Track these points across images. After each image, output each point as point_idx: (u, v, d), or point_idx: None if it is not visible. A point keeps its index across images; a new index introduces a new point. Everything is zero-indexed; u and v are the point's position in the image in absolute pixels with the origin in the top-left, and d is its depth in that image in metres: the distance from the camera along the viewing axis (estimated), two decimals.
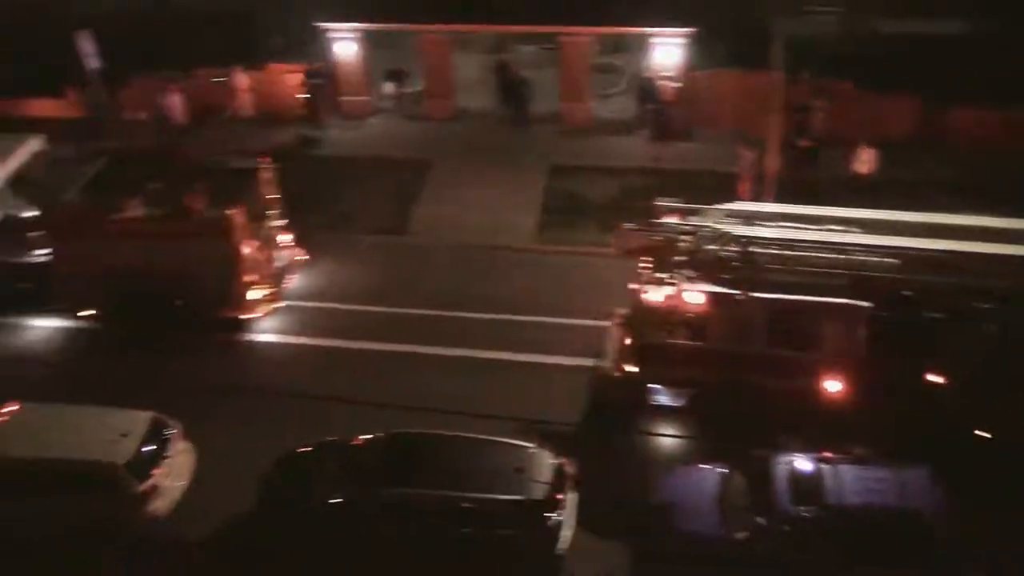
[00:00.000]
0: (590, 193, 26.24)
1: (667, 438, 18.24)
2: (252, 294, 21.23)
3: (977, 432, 16.98)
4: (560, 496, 15.95)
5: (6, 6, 33.23)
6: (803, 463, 15.71)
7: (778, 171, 23.36)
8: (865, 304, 17.02)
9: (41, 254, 21.60)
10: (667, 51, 28.53)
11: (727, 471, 16.37)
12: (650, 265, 18.16)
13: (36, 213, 21.56)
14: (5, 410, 17.49)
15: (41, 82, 30.91)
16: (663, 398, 18.63)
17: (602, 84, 31.05)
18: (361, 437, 16.91)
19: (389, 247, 24.79)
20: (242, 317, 21.42)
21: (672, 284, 17.53)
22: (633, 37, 29.93)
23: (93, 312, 21.55)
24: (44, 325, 22.13)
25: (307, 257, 23.42)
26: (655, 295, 17.62)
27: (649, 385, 18.54)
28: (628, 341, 18.30)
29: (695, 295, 17.44)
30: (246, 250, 20.85)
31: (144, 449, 16.77)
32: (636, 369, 18.18)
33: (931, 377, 17.13)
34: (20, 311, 22.20)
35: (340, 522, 15.98)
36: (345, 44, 30.00)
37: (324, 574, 16.08)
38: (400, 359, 20.65)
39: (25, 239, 21.80)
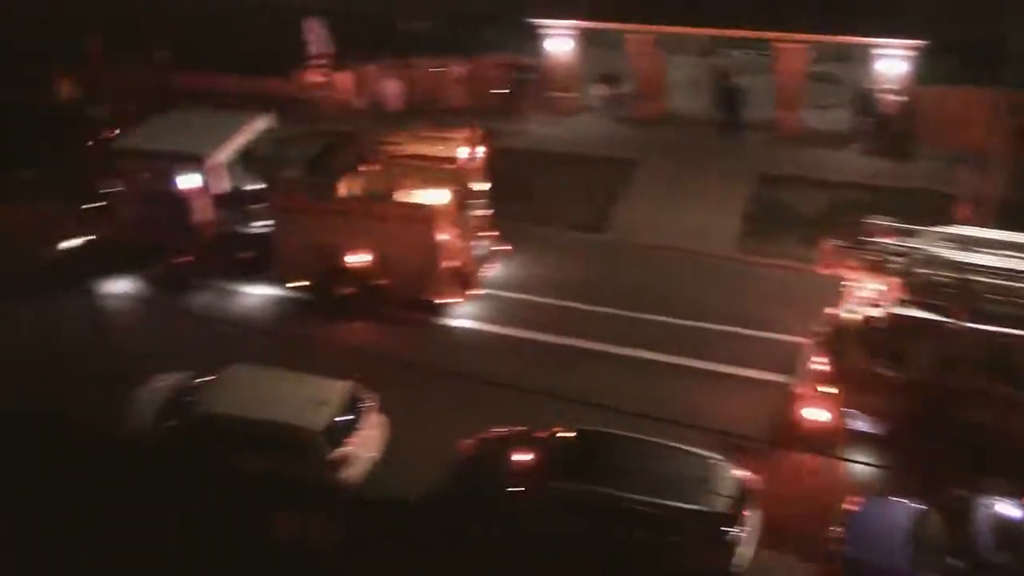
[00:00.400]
0: (797, 205, 25.52)
1: (861, 465, 17.52)
2: (451, 280, 21.82)
3: None
4: (742, 512, 15.65)
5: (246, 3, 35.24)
6: (1008, 508, 14.80)
7: (1001, 195, 22.03)
8: None
9: (263, 226, 22.88)
10: (891, 63, 27.35)
11: (923, 507, 15.60)
12: (857, 285, 17.51)
13: (260, 187, 22.87)
14: (224, 370, 18.70)
15: (272, 62, 32.77)
16: (860, 424, 17.91)
17: (818, 94, 30.07)
18: (548, 430, 17.11)
19: (587, 244, 24.92)
20: (440, 301, 22.06)
21: (879, 307, 16.84)
22: (855, 47, 28.84)
23: (304, 283, 22.73)
24: (261, 293, 23.49)
25: (506, 248, 23.86)
26: (860, 316, 16.98)
27: (845, 409, 17.89)
28: (826, 362, 17.70)
29: (904, 320, 16.69)
30: (449, 237, 21.45)
31: (340, 418, 17.58)
32: (833, 392, 17.58)
33: None
34: (241, 278, 23.63)
35: (518, 512, 16.24)
36: (558, 41, 30.29)
37: (497, 561, 16.36)
38: (589, 355, 20.77)
39: (249, 211, 23.14)
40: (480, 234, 23.29)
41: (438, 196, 21.16)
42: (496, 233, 23.70)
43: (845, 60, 30.83)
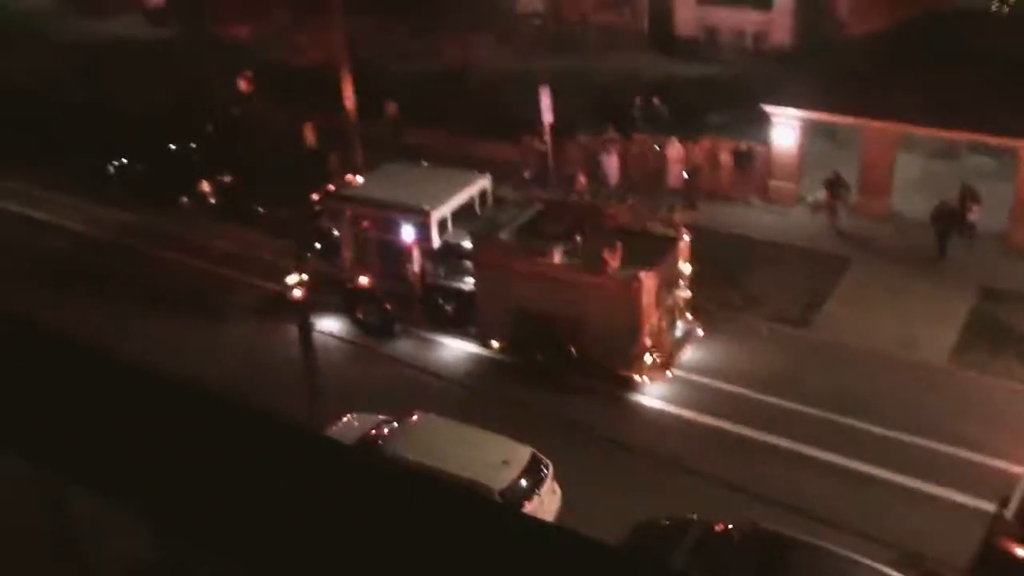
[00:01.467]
0: (1021, 324, 23.97)
1: None
2: (647, 358, 21.75)
3: None
4: None
5: (479, 67, 36.92)
6: None
7: None
8: None
9: (469, 282, 23.62)
10: None
11: None
12: None
13: (472, 245, 23.63)
14: (413, 417, 19.32)
15: (500, 127, 34.06)
16: None
17: None
18: (724, 523, 16.65)
19: (790, 338, 24.27)
20: (635, 377, 21.99)
21: None
22: None
23: (502, 343, 23.23)
24: (460, 347, 24.17)
25: (705, 332, 23.57)
26: None
27: None
28: None
29: None
30: (650, 314, 21.42)
31: (520, 481, 17.72)
32: None
33: None
34: (443, 331, 24.42)
35: None
36: (785, 129, 29.95)
37: None
38: (779, 452, 20.11)
39: (458, 266, 23.95)
40: (681, 315, 23.15)
41: (646, 272, 21.22)
42: (697, 315, 23.47)
43: None
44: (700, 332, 23.54)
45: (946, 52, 28.61)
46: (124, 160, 33.52)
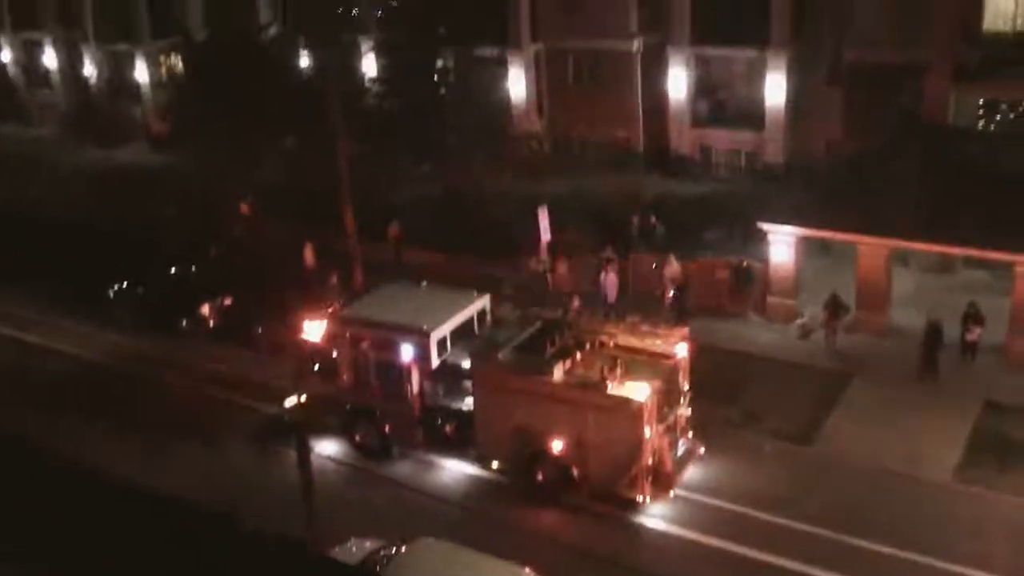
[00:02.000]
0: None
1: None
2: (648, 478, 21.48)
3: None
4: None
5: (478, 190, 37.50)
6: None
7: None
8: None
9: (468, 402, 23.50)
10: None
11: None
12: None
13: (470, 364, 23.59)
14: (414, 542, 18.97)
15: (497, 246, 34.43)
16: None
17: None
18: None
19: (793, 454, 24.02)
20: (636, 498, 21.68)
21: None
22: None
23: (501, 464, 22.99)
24: (459, 469, 23.89)
25: (706, 450, 23.34)
26: None
27: None
28: None
29: None
30: (650, 433, 21.26)
31: None
32: None
33: None
34: (443, 452, 24.18)
35: None
36: (780, 246, 30.22)
37: None
38: (778, 573, 19.71)
39: (457, 386, 23.87)
40: (682, 434, 22.97)
41: (646, 391, 21.14)
42: (698, 434, 23.29)
43: None
44: (702, 450, 23.32)
45: (937, 168, 29.10)
46: (124, 283, 33.73)
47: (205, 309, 32.22)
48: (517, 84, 43.85)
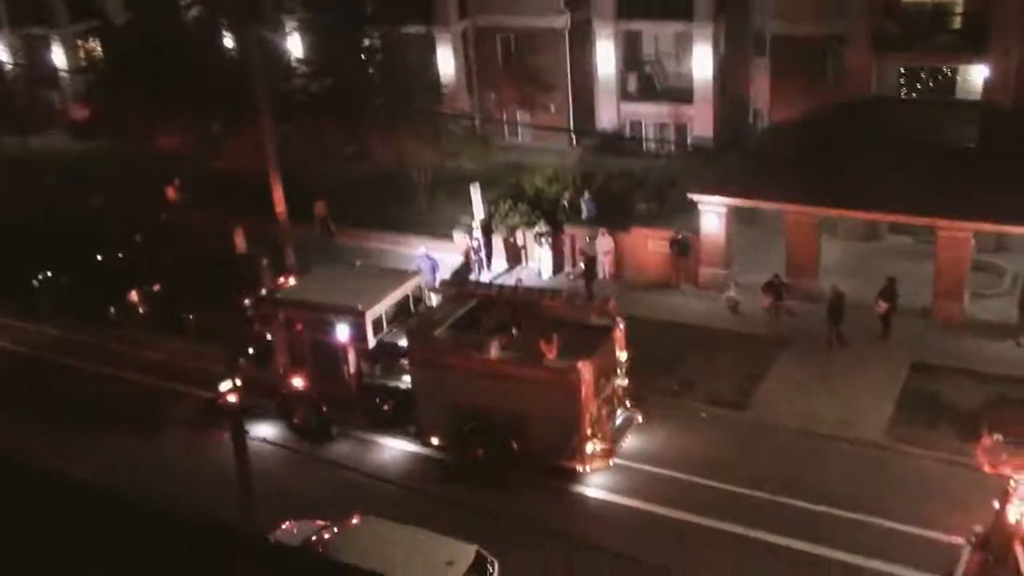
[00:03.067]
0: (954, 396, 24.33)
1: None
2: (588, 448, 21.61)
3: None
4: None
5: (408, 167, 37.27)
6: None
7: None
8: None
9: (406, 381, 23.37)
10: None
11: None
12: (1021, 484, 16.39)
13: (406, 342, 23.46)
14: (354, 521, 18.84)
15: (431, 225, 34.23)
16: None
17: (979, 283, 29.13)
18: None
19: (727, 420, 24.35)
20: (575, 468, 21.79)
21: None
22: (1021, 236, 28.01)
23: (440, 441, 22.93)
24: (399, 447, 23.78)
25: (644, 419, 23.55)
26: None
27: None
28: (985, 566, 16.46)
29: None
30: (590, 404, 21.36)
31: None
32: None
33: None
34: (381, 431, 24.04)
35: None
36: (711, 217, 30.51)
37: None
38: (720, 537, 20.04)
39: (395, 365, 23.73)
40: (620, 404, 23.14)
41: (583, 362, 21.20)
42: (635, 403, 23.48)
43: (1011, 250, 30.08)
44: (639, 419, 23.52)
45: (861, 137, 29.62)
46: (48, 273, 32.85)
47: (133, 296, 31.55)
48: (446, 62, 43.52)
